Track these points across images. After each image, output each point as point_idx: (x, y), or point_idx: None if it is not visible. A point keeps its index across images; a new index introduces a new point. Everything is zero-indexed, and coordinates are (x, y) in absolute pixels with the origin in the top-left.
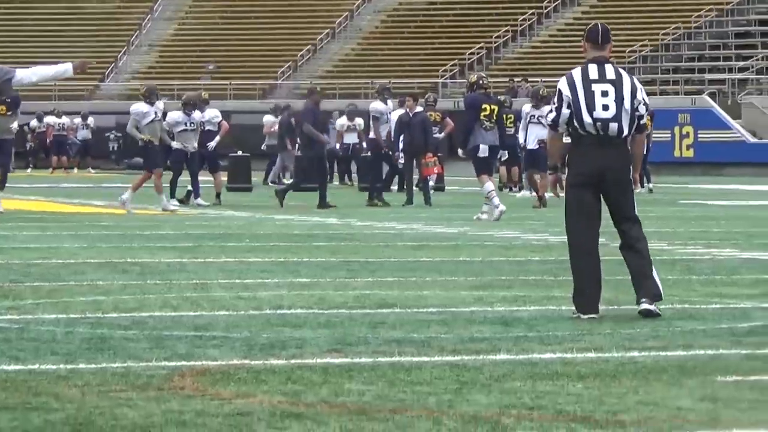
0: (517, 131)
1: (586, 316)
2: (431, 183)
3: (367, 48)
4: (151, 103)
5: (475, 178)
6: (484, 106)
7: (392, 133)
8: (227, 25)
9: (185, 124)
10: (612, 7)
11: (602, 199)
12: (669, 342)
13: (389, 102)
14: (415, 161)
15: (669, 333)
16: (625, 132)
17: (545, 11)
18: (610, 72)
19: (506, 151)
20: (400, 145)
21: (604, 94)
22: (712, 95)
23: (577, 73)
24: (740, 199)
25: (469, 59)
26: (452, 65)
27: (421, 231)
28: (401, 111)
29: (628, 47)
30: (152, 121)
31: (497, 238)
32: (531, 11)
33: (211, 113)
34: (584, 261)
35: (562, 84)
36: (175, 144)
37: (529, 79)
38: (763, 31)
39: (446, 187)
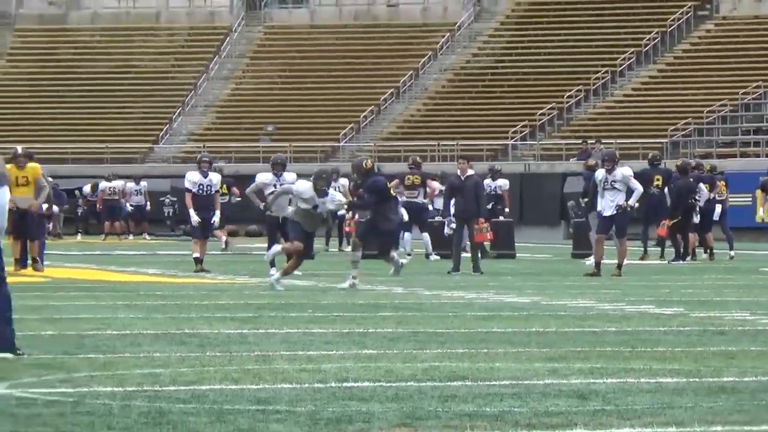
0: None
1: None
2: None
3: (434, 108)
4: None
5: (547, 244)
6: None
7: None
8: (286, 85)
9: (275, 186)
10: (689, 65)
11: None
12: (754, 416)
13: None
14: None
15: (754, 406)
16: None
17: (619, 69)
18: None
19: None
20: (451, 210)
21: None
22: None
23: None
24: None
25: (539, 120)
26: (522, 126)
27: (492, 300)
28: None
29: (707, 107)
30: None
31: (571, 307)
32: (604, 69)
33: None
34: None
35: None
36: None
37: (603, 141)
38: None
39: (517, 254)
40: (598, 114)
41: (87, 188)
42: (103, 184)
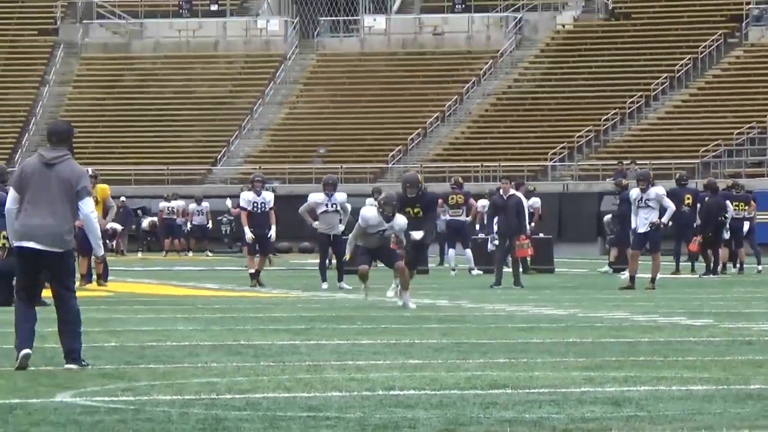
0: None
1: None
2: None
3: (477, 131)
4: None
5: (584, 260)
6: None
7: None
8: (338, 110)
9: (326, 205)
10: (720, 90)
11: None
12: None
13: None
14: (508, 243)
15: None
16: None
17: (653, 93)
18: None
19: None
20: (494, 227)
21: None
22: None
23: None
24: None
25: (577, 142)
26: (561, 148)
27: (531, 313)
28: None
29: (736, 129)
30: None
31: (607, 319)
32: (639, 94)
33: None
34: None
35: None
36: (317, 225)
37: (638, 162)
38: None
39: (555, 269)
40: (633, 136)
41: (145, 224)
42: (162, 204)
